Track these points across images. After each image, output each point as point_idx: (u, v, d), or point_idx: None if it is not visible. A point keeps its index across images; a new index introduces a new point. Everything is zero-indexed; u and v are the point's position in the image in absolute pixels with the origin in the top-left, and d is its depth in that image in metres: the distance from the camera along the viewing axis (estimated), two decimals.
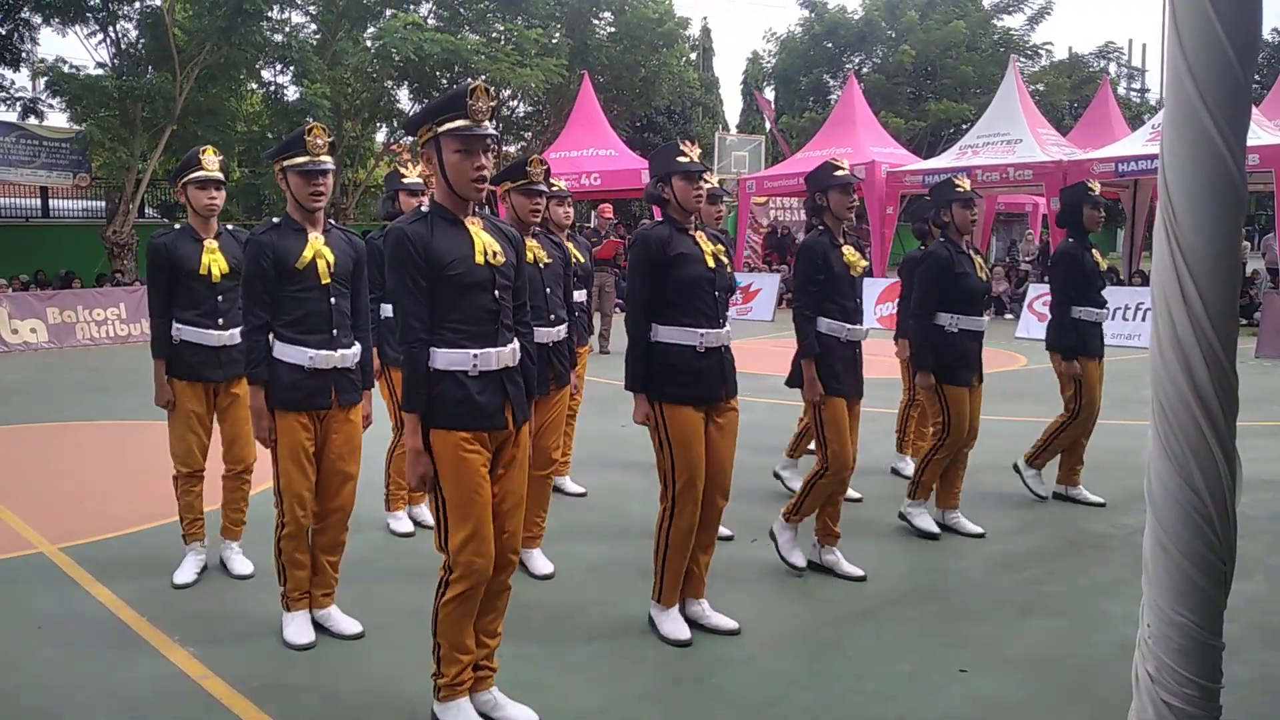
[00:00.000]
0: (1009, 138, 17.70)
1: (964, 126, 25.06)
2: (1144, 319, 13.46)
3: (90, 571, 4.56)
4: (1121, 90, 33.28)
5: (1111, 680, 3.39)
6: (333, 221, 3.91)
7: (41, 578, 4.53)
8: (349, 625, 3.87)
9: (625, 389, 3.83)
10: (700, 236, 3.83)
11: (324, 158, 3.69)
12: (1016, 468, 5.93)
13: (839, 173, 4.42)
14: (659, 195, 3.83)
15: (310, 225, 3.79)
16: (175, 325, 4.42)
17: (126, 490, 6.13)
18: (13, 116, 19.63)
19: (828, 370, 4.40)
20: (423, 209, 3.09)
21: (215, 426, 4.56)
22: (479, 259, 3.00)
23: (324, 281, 3.74)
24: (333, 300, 3.77)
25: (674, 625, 3.83)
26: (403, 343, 2.99)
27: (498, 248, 3.06)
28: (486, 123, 3.00)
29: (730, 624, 3.90)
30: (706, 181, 3.86)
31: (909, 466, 6.16)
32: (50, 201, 22.40)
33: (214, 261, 4.42)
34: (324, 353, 3.73)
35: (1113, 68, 33.08)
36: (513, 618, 3.99)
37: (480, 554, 2.98)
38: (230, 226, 4.61)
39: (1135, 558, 2.29)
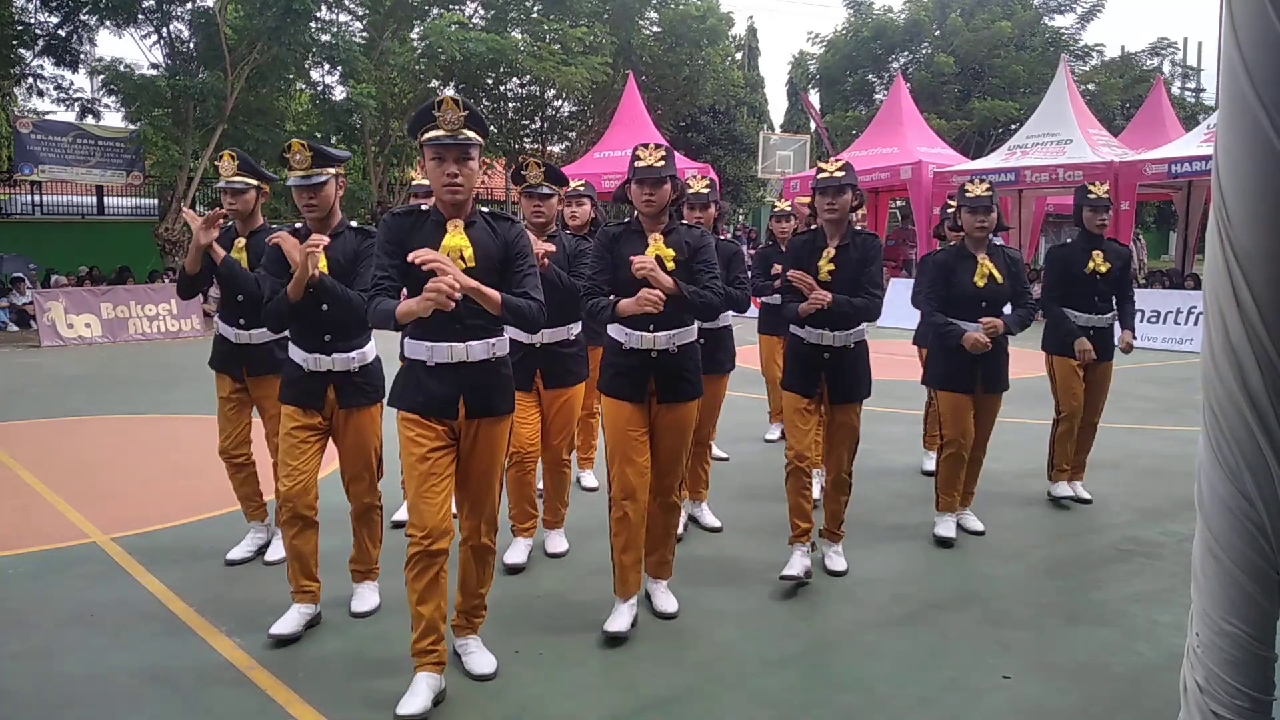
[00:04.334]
0: (1059, 138, 17.47)
1: (1012, 126, 24.74)
2: (1196, 323, 13.21)
3: (141, 561, 4.65)
4: (1176, 90, 32.64)
5: (1159, 690, 3.34)
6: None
7: (94, 567, 4.63)
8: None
9: None
10: (656, 238, 3.73)
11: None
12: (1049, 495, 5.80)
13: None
14: (624, 196, 3.82)
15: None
16: (216, 319, 4.56)
17: (177, 483, 6.23)
18: (71, 116, 20.17)
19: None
20: (423, 207, 3.24)
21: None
22: None
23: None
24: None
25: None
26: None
27: (469, 251, 3.12)
28: (465, 131, 3.10)
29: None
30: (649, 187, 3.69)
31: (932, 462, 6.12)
32: (105, 199, 23.00)
33: (239, 260, 4.44)
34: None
35: (1166, 66, 32.48)
36: (551, 614, 4.04)
37: (414, 526, 3.21)
38: (274, 225, 4.51)
39: (1185, 565, 2.25)
